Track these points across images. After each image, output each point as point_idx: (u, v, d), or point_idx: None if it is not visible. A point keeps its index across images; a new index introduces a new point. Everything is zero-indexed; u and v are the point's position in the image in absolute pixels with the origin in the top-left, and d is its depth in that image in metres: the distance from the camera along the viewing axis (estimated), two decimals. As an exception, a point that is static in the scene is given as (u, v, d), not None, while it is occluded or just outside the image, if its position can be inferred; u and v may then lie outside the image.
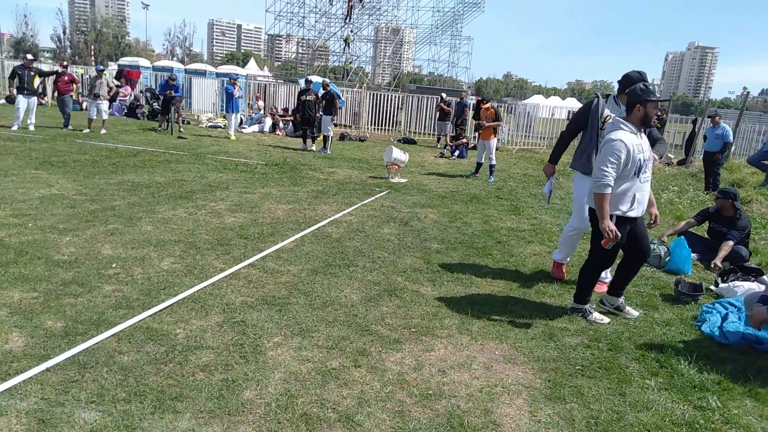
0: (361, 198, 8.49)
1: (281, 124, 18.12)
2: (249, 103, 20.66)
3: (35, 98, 12.94)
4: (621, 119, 4.01)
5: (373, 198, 8.57)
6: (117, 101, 18.76)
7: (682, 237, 6.02)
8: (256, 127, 17.72)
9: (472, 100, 18.58)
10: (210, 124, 18.19)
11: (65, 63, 14.81)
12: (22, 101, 12.60)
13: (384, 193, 9.08)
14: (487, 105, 11.60)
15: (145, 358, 3.20)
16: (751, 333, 3.91)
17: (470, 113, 17.66)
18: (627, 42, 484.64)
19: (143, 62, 26.81)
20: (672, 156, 18.55)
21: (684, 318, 4.48)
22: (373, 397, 3.01)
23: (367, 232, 6.48)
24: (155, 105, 18.75)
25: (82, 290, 4.09)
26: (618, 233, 3.86)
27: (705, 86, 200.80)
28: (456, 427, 2.78)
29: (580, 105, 43.23)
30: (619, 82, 4.79)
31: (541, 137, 21.44)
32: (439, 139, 18.38)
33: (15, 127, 12.47)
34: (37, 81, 12.99)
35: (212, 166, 10.40)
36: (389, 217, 7.35)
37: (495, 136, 11.64)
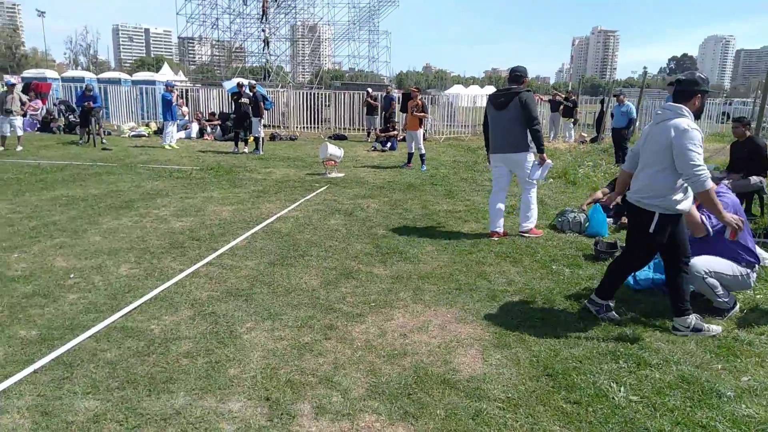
0: (302, 194, 8.76)
1: (209, 129, 17.90)
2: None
3: None
4: (680, 105, 3.59)
5: (315, 193, 8.87)
6: (28, 116, 17.80)
7: (598, 204, 6.77)
8: (182, 134, 17.40)
9: (397, 94, 19.15)
10: (133, 133, 17.68)
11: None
12: None
13: (324, 188, 9.39)
14: (416, 97, 12.10)
15: (127, 353, 3.40)
16: (658, 277, 4.60)
17: (397, 106, 18.23)
18: (537, 30, 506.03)
19: (50, 73, 25.50)
20: (585, 134, 19.98)
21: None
22: (346, 361, 3.37)
23: (314, 224, 6.79)
24: (71, 118, 17.98)
25: (46, 301, 4.18)
26: (742, 219, 3.65)
27: (610, 68, 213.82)
28: (422, 376, 3.20)
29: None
30: (513, 72, 6.24)
31: (464, 125, 22.38)
32: (369, 133, 18.82)
33: None
34: None
35: (145, 175, 10.29)
36: (333, 209, 7.69)
37: (421, 127, 12.19)
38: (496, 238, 6.20)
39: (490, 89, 50.05)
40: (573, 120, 19.05)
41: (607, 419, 2.79)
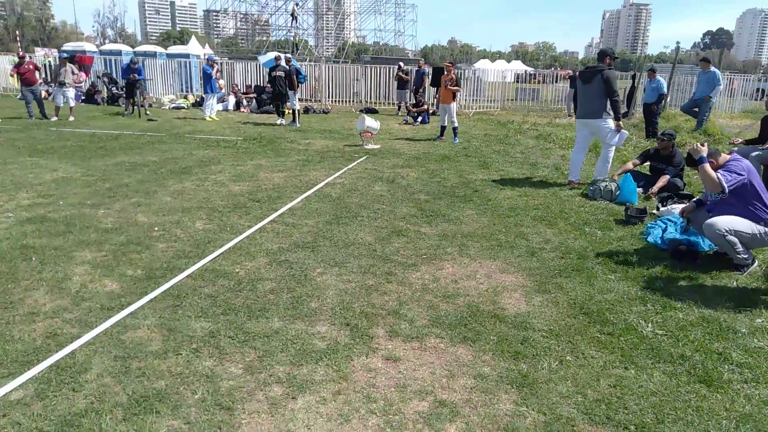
0: (344, 163, 9.29)
1: (245, 102, 18.48)
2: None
3: None
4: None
5: (355, 163, 9.39)
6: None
7: (629, 174, 7.16)
8: (220, 106, 18.01)
9: (428, 69, 19.43)
10: (173, 105, 18.36)
11: (23, 53, 14.65)
12: None
13: (363, 158, 9.90)
14: (450, 71, 12.45)
15: (222, 289, 4.01)
16: (683, 238, 5.03)
17: (428, 80, 18.53)
18: (565, 3, 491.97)
19: (88, 47, 26.21)
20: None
21: (634, 234, 5.59)
22: (407, 299, 3.93)
23: (360, 190, 7.33)
24: (114, 90, 18.74)
25: (140, 248, 4.81)
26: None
27: (642, 42, 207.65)
28: (474, 312, 3.74)
29: (526, 68, 44.23)
30: (599, 52, 7.69)
31: (493, 100, 22.57)
32: (399, 107, 19.18)
33: None
34: None
35: (194, 144, 10.92)
36: (375, 177, 8.21)
37: (455, 101, 12.56)
38: (573, 187, 7.65)
39: (517, 64, 49.54)
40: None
41: (636, 346, 3.30)
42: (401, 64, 19.27)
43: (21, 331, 3.27)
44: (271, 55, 18.80)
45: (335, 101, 21.95)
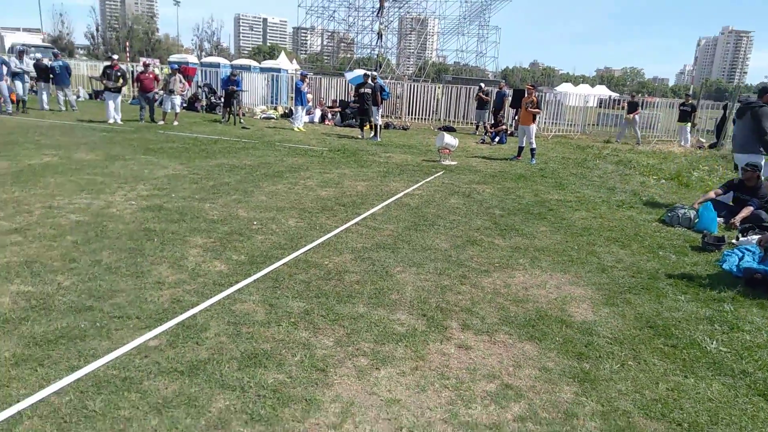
0: (422, 177, 9.73)
1: (329, 115, 19.45)
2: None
3: (119, 95, 14.47)
4: None
5: (433, 177, 9.80)
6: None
7: (709, 202, 7.12)
8: (306, 118, 19.05)
9: (509, 90, 19.62)
10: (264, 115, 19.62)
11: (147, 62, 16.31)
12: (109, 98, 14.16)
13: (440, 173, 10.30)
14: (531, 94, 12.66)
15: (314, 277, 4.52)
16: (761, 268, 5.04)
17: (508, 102, 18.73)
18: (657, 28, 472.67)
19: (191, 59, 28.45)
20: (704, 140, 19.31)
21: (708, 261, 5.62)
22: (479, 300, 4.27)
23: (437, 202, 7.73)
24: (213, 99, 20.29)
25: (242, 238, 5.44)
26: None
27: (740, 71, 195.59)
28: (542, 316, 4.02)
29: (610, 93, 43.03)
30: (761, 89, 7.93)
31: (573, 124, 22.34)
32: (477, 126, 19.46)
33: (111, 120, 14.01)
34: (121, 80, 14.50)
35: (284, 152, 11.75)
36: (452, 191, 8.58)
37: (534, 122, 12.72)
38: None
39: (601, 89, 48.34)
40: (690, 124, 18.53)
41: (698, 359, 3.47)
42: (482, 85, 19.58)
43: (152, 295, 3.91)
44: (358, 71, 19.70)
45: (414, 118, 22.55)
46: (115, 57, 14.98)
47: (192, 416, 2.57)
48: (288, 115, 19.56)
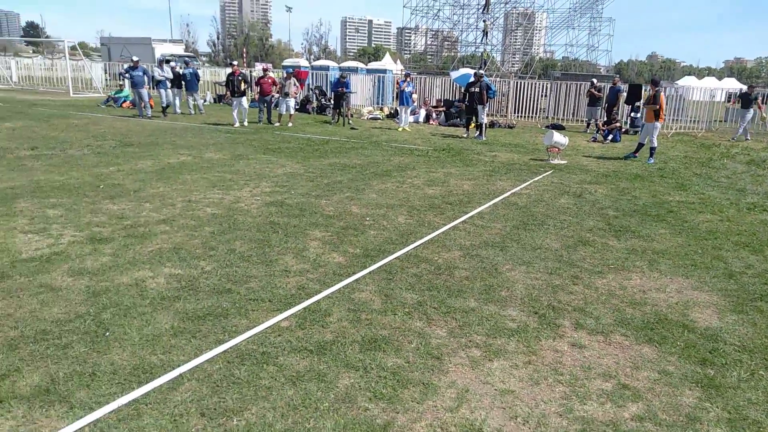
0: (529, 176, 9.59)
1: (434, 115, 19.61)
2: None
3: (243, 99, 15.61)
4: None
5: (541, 176, 9.63)
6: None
7: None
8: (411, 118, 19.36)
9: (624, 86, 18.61)
10: (371, 116, 20.21)
11: (266, 67, 17.49)
12: (234, 103, 15.35)
13: (549, 172, 10.09)
14: (654, 90, 11.96)
15: (424, 271, 4.70)
16: None
17: (623, 98, 17.78)
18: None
19: (303, 63, 29.90)
20: None
21: None
22: (593, 301, 4.21)
23: (546, 201, 7.61)
24: (323, 101, 21.24)
25: (356, 232, 5.75)
26: None
27: None
28: (662, 320, 3.89)
29: (741, 86, 39.39)
30: None
31: (696, 120, 20.69)
32: (588, 124, 18.66)
33: (237, 125, 15.17)
34: (243, 85, 15.66)
35: (391, 151, 12.09)
36: (561, 191, 8.39)
37: (658, 120, 11.98)
38: None
39: (731, 82, 44.14)
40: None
41: (843, 374, 3.20)
42: (594, 80, 18.73)
43: (280, 282, 4.31)
44: (464, 70, 19.69)
45: (520, 116, 22.09)
46: (235, 63, 16.16)
47: (322, 390, 2.85)
48: (394, 115, 19.98)
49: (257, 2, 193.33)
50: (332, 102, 18.43)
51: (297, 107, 20.81)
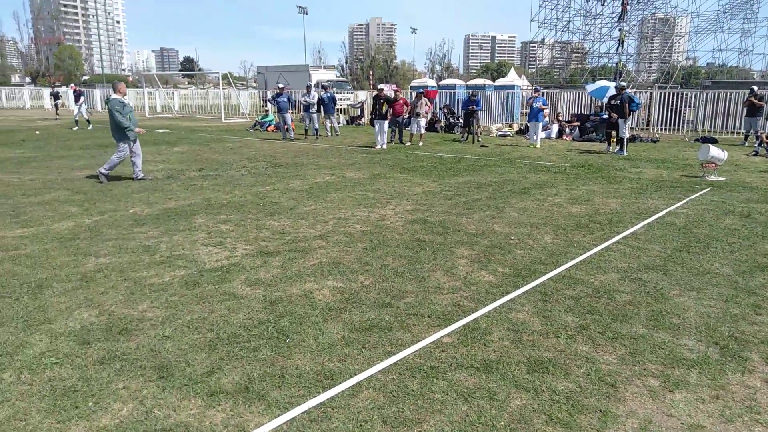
0: (684, 194, 8.87)
1: (567, 130, 18.91)
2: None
3: (385, 122, 15.92)
4: None
5: (698, 194, 8.86)
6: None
7: None
8: (543, 134, 18.83)
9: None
10: (500, 133, 19.99)
11: (397, 89, 18.09)
12: (377, 124, 15.80)
13: (706, 190, 9.25)
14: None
15: (581, 293, 4.54)
16: None
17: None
18: None
19: (430, 83, 30.43)
20: None
21: None
22: (783, 334, 3.78)
23: (708, 222, 6.99)
24: (451, 119, 21.43)
25: (503, 252, 5.72)
26: None
27: None
28: None
29: None
30: None
31: None
32: (746, 136, 16.85)
33: (378, 146, 15.69)
34: (385, 107, 16.19)
35: (526, 169, 11.85)
36: (725, 210, 7.65)
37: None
38: None
39: None
40: None
41: None
42: (755, 87, 16.90)
43: (435, 298, 4.41)
44: (600, 83, 18.79)
45: (663, 129, 20.53)
46: (381, 86, 16.69)
47: (495, 408, 2.87)
48: (523, 131, 19.58)
49: (383, 26, 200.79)
50: (461, 120, 18.53)
51: (425, 126, 21.22)
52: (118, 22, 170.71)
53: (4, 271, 4.91)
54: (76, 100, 22.63)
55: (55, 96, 28.00)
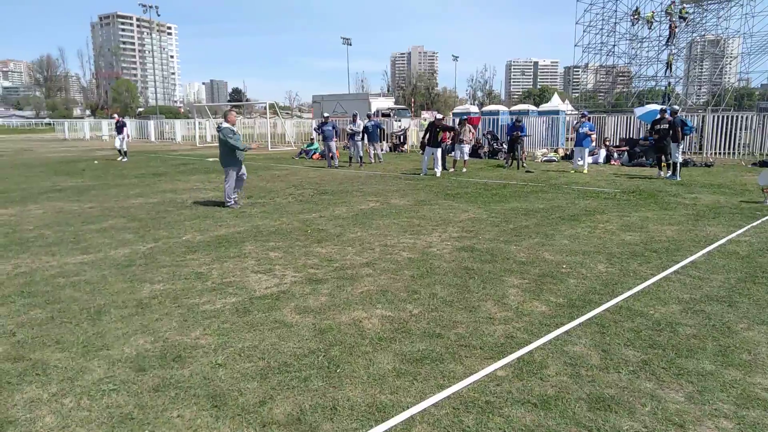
0: (745, 221, 8.46)
1: (615, 155, 18.46)
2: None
3: (438, 149, 15.68)
4: None
5: (760, 221, 8.44)
6: (462, 144, 21.90)
7: None
8: (590, 159, 18.43)
9: None
10: (545, 158, 19.70)
11: (439, 116, 18.15)
12: (427, 151, 15.60)
13: (769, 216, 8.80)
14: None
15: (641, 326, 4.34)
16: None
17: None
18: None
19: (473, 109, 30.43)
20: None
21: None
22: None
23: (775, 250, 6.61)
24: (495, 145, 21.30)
25: (555, 280, 5.55)
26: None
27: None
28: None
29: None
30: None
31: None
32: (810, 159, 16.02)
33: (422, 174, 15.51)
34: (440, 136, 16.04)
35: (574, 195, 11.59)
36: (792, 238, 7.24)
37: None
38: None
39: None
40: None
41: None
42: (816, 108, 16.12)
43: (487, 329, 4.30)
44: (650, 107, 18.36)
45: (718, 153, 19.78)
46: (439, 116, 16.67)
47: (556, 448, 2.74)
48: (569, 156, 19.23)
49: (424, 54, 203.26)
50: (505, 146, 18.37)
51: (469, 153, 21.13)
52: (171, 56, 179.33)
53: (65, 297, 5.10)
54: (119, 132, 22.92)
55: (119, 129, 26.70)
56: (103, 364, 3.72)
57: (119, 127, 23.33)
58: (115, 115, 27.40)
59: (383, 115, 17.87)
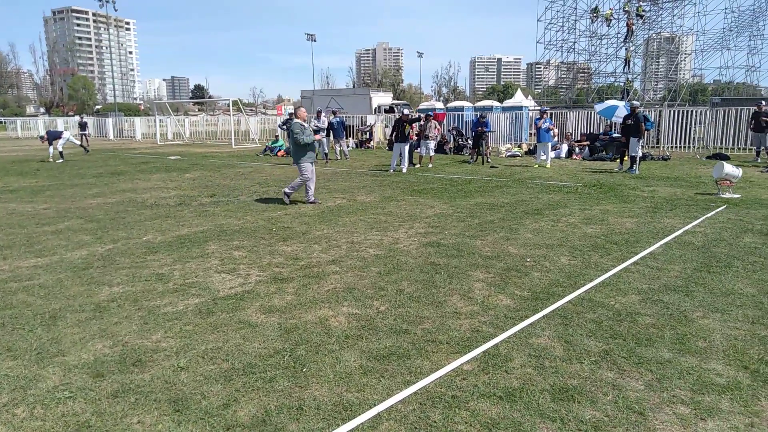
0: (700, 212, 8.75)
1: (577, 149, 18.85)
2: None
3: (406, 145, 15.61)
4: None
5: (713, 212, 8.74)
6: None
7: None
8: (552, 154, 18.77)
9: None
10: (509, 153, 19.98)
11: (406, 113, 18.16)
12: (395, 147, 15.56)
13: (722, 208, 9.12)
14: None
15: (602, 317, 4.44)
16: None
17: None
18: None
19: (438, 105, 30.62)
20: None
21: None
22: (816, 357, 3.65)
23: (728, 240, 6.86)
24: (460, 141, 21.47)
25: (519, 274, 5.63)
26: None
27: None
28: None
29: None
30: None
31: None
32: (758, 152, 16.72)
33: (392, 171, 15.47)
34: (407, 130, 16.00)
35: (537, 189, 11.78)
36: (743, 228, 7.53)
37: None
38: None
39: None
40: None
41: None
42: (763, 102, 16.81)
43: (453, 324, 4.33)
44: (609, 102, 18.80)
45: (674, 147, 20.43)
46: (406, 111, 16.62)
47: (521, 440, 2.77)
48: (532, 151, 19.55)
49: (390, 51, 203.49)
50: (470, 141, 18.54)
51: (435, 148, 21.22)
52: (130, 52, 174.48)
53: (18, 302, 4.90)
54: (83, 129, 22.40)
55: (83, 126, 26.01)
56: (59, 371, 3.58)
57: (83, 125, 22.80)
58: (83, 114, 26.89)
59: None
